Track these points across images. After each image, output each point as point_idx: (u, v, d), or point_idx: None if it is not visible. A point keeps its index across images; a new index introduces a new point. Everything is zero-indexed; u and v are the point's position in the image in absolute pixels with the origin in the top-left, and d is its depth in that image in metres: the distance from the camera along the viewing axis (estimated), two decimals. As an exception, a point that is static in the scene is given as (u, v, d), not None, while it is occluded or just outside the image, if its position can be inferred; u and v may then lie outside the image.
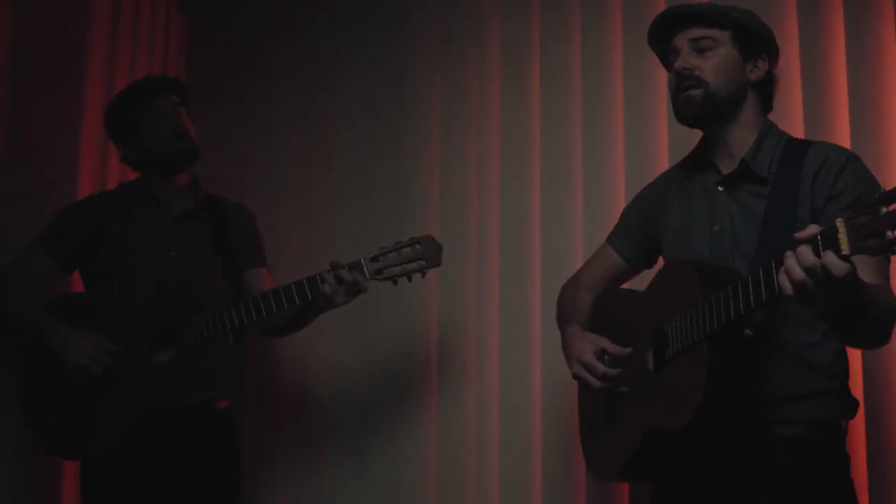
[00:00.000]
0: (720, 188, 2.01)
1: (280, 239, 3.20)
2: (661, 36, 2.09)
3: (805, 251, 1.53)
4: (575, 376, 2.08)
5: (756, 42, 2.02)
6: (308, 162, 3.32)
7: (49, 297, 2.64)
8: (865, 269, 1.74)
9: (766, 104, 2.08)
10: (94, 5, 3.09)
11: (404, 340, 3.07)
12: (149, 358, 2.49)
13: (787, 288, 1.57)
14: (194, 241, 2.68)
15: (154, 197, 2.70)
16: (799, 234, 1.56)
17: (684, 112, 2.01)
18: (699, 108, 1.98)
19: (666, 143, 2.69)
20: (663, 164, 2.66)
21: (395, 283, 2.47)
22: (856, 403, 1.96)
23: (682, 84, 1.99)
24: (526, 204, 2.95)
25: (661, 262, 2.21)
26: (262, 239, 2.83)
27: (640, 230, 2.23)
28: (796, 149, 1.98)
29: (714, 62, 1.98)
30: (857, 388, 2.23)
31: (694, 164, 2.11)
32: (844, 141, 2.45)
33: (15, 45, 2.80)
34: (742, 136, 2.01)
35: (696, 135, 2.19)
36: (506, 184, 2.99)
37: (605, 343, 2.05)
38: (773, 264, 1.61)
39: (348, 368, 3.14)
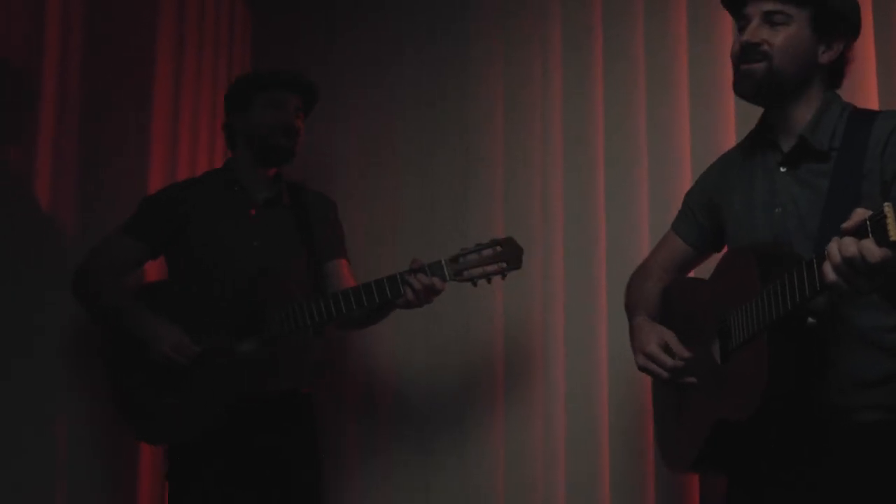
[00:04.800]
0: (782, 168, 1.96)
1: (345, 229, 3.22)
2: (733, 2, 2.01)
3: (848, 242, 1.49)
4: (640, 368, 2.08)
5: (836, 23, 1.93)
6: (371, 152, 3.34)
7: (139, 285, 2.70)
8: None
9: (835, 83, 2.00)
10: (161, 2, 3.16)
11: (470, 336, 3.07)
12: (234, 347, 2.53)
13: (831, 277, 1.52)
14: (277, 231, 2.71)
15: (238, 184, 2.73)
16: (846, 225, 1.50)
17: (743, 85, 1.94)
18: (758, 83, 1.92)
19: (733, 128, 2.63)
20: (730, 146, 2.60)
21: (474, 284, 2.50)
22: None
23: (745, 56, 1.92)
24: (590, 192, 2.92)
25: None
26: (342, 229, 2.86)
27: (703, 215, 2.19)
28: (861, 120, 1.90)
29: (783, 38, 1.90)
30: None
31: (754, 144, 2.06)
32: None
33: (86, 44, 2.88)
34: (804, 114, 1.94)
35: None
36: (569, 172, 2.96)
37: (670, 338, 2.03)
38: (826, 253, 1.55)
39: (415, 365, 3.16)
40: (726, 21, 2.61)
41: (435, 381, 3.12)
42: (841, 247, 1.49)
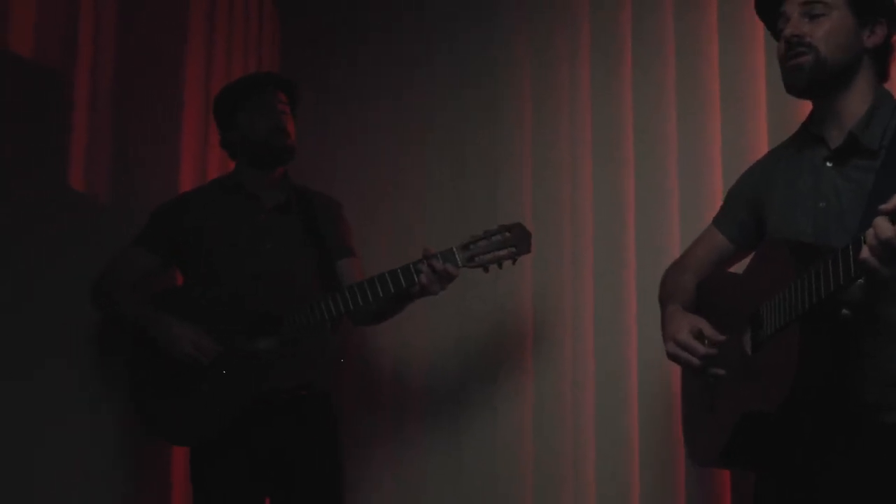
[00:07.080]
0: (828, 164, 1.93)
1: (373, 227, 3.25)
2: (770, 3, 2.01)
3: (882, 223, 1.48)
4: (669, 355, 2.05)
5: (874, 5, 1.92)
6: (400, 149, 3.35)
7: (153, 292, 2.73)
8: None
9: (882, 72, 1.97)
10: (192, 4, 3.19)
11: (500, 324, 3.08)
12: (250, 346, 2.57)
13: (870, 262, 1.51)
14: (288, 234, 2.75)
15: (247, 190, 2.77)
16: (883, 206, 1.49)
17: (793, 80, 1.92)
18: (808, 76, 1.89)
19: (764, 127, 2.60)
20: (761, 143, 2.58)
21: (486, 270, 2.52)
22: None
23: (791, 51, 1.91)
24: (619, 186, 2.90)
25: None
26: (350, 229, 2.90)
27: (745, 210, 2.16)
28: None
29: (826, 28, 1.89)
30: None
31: (802, 140, 2.03)
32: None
33: (118, 46, 2.91)
34: (854, 107, 1.92)
35: (797, 116, 2.13)
36: (598, 172, 2.95)
37: (703, 324, 2.00)
38: (862, 239, 1.54)
39: (445, 351, 3.17)
40: (758, 20, 2.59)
41: (465, 365, 3.14)
42: (876, 226, 1.48)
